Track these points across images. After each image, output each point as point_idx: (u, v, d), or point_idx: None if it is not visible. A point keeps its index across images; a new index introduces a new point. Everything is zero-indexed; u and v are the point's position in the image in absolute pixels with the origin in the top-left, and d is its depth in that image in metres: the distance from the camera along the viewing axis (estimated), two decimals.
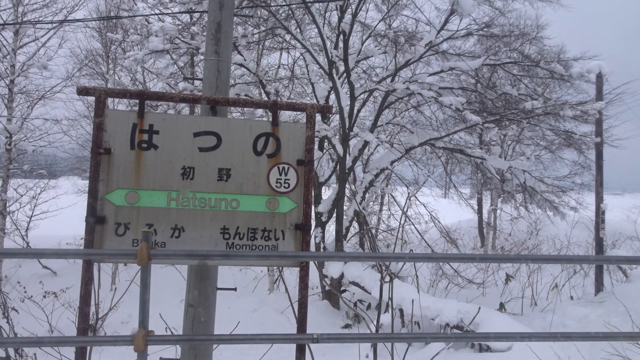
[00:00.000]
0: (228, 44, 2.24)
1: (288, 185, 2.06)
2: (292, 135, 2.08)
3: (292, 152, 2.08)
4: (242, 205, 2.05)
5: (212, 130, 2.06)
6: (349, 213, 10.18)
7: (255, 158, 2.07)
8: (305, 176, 2.07)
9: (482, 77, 10.35)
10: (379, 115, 10.03)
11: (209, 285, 2.15)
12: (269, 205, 2.06)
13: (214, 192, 2.05)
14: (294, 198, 2.06)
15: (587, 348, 6.52)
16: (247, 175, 2.07)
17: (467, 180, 13.50)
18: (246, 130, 2.08)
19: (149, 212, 2.00)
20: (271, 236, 2.03)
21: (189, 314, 2.11)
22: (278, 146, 2.07)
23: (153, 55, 9.35)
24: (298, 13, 9.22)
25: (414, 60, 9.37)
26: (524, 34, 8.99)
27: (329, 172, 10.08)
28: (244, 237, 2.02)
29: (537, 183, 10.32)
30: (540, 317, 9.42)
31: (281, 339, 1.68)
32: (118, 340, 1.53)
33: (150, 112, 2.00)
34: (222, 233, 2.03)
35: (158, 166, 2.03)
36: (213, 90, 2.24)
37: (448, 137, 9.88)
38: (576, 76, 8.79)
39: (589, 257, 2.75)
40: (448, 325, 7.91)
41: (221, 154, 2.07)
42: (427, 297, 8.46)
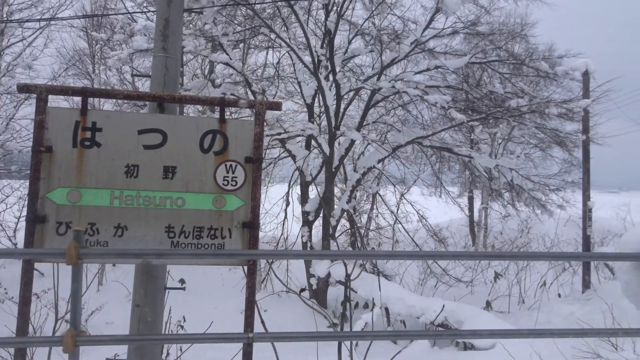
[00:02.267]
0: (177, 40, 2.22)
1: (235, 183, 2.04)
2: (240, 132, 2.06)
3: (240, 149, 2.06)
4: (188, 203, 2.03)
5: (158, 127, 2.04)
6: (336, 212, 10.16)
7: (201, 156, 2.05)
8: (253, 174, 2.05)
9: (471, 75, 10.37)
10: (366, 114, 10.02)
11: (155, 284, 2.13)
12: (215, 203, 2.04)
13: (159, 191, 2.02)
14: (241, 196, 2.04)
15: (568, 345, 6.53)
16: (193, 173, 2.04)
17: (455, 178, 13.50)
18: (192, 127, 2.06)
19: (91, 211, 1.98)
20: (217, 234, 2.01)
21: (134, 314, 2.09)
22: (225, 143, 2.05)
23: (137, 54, 9.30)
24: (285, 11, 9.20)
25: (399, 58, 9.36)
26: (509, 32, 8.98)
27: (316, 171, 10.06)
28: (190, 235, 2.00)
29: (524, 181, 10.34)
30: (527, 315, 9.42)
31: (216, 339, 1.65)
32: (48, 341, 1.50)
33: (93, 110, 1.97)
34: (166, 232, 2.00)
35: (101, 164, 2.00)
36: (161, 87, 2.22)
37: (434, 135, 9.88)
38: (561, 74, 8.79)
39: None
40: (432, 324, 7.91)
41: (166, 152, 2.05)
42: (412, 295, 8.47)
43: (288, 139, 8.89)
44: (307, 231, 9.97)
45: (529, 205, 10.74)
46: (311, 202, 9.96)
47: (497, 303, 10.25)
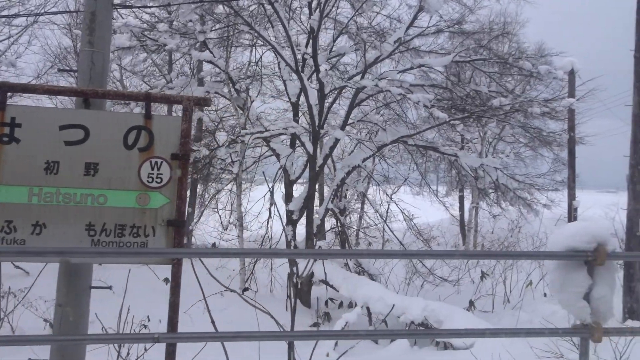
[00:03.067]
0: (104, 34, 2.18)
1: (161, 180, 2.00)
2: (167, 128, 2.02)
3: (166, 145, 2.02)
4: (110, 200, 1.99)
5: (80, 123, 2.00)
6: (320, 211, 10.13)
7: (125, 152, 2.02)
8: (180, 170, 2.01)
9: (462, 74, 10.33)
10: (350, 113, 9.98)
11: (79, 283, 2.09)
12: (139, 201, 2.00)
13: (80, 188, 1.99)
14: (166, 193, 2.00)
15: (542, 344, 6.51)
16: (116, 169, 2.01)
17: (442, 178, 13.49)
18: (116, 123, 2.02)
19: (9, 208, 1.94)
20: (140, 233, 1.97)
21: (57, 314, 2.05)
22: (151, 140, 2.02)
23: (120, 52, 9.24)
24: (269, 9, 9.15)
25: (383, 57, 9.32)
26: (492, 31, 8.95)
27: (300, 170, 10.02)
28: (111, 233, 1.97)
29: (509, 180, 10.31)
30: (510, 314, 9.40)
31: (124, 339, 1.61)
32: None
33: (12, 105, 1.94)
34: (87, 229, 1.97)
35: (19, 160, 1.96)
36: (87, 82, 2.18)
37: (422, 134, 9.84)
38: (544, 73, 8.76)
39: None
40: (413, 323, 7.89)
41: (88, 148, 2.01)
42: (393, 295, 8.44)
43: (270, 137, 8.85)
44: (291, 230, 9.93)
45: (515, 204, 10.72)
46: (295, 201, 9.92)
47: (481, 302, 10.23)
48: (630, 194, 6.19)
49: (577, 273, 1.77)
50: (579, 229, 1.78)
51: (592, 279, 1.77)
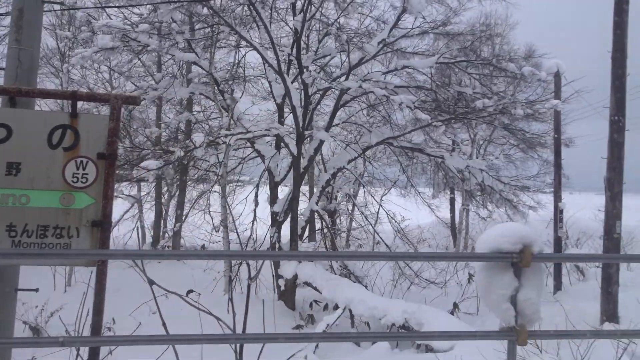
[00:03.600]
0: (33, 32, 2.14)
1: (86, 180, 1.97)
2: (93, 127, 1.99)
3: (92, 145, 1.99)
4: (33, 201, 1.95)
5: (3, 122, 1.97)
6: (305, 213, 10.09)
7: (49, 151, 1.98)
8: (106, 170, 1.97)
9: (448, 76, 10.30)
10: (335, 114, 9.96)
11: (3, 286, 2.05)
12: (62, 201, 1.96)
13: (1, 188, 1.95)
14: (92, 193, 1.97)
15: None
16: (40, 169, 1.97)
17: (430, 179, 13.46)
18: (41, 122, 1.99)
19: None
20: (64, 234, 1.94)
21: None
22: (77, 139, 1.99)
23: (103, 52, 9.19)
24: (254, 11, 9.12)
25: (367, 58, 9.30)
26: (476, 33, 8.94)
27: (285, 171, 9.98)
28: (33, 234, 1.93)
29: (495, 182, 10.29)
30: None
31: (27, 343, 1.57)
32: None
33: None
34: (7, 230, 1.93)
35: None
36: (13, 80, 2.14)
37: (411, 135, 9.81)
38: (528, 74, 8.75)
39: None
40: (394, 325, 7.84)
41: (11, 147, 1.97)
42: (375, 297, 8.40)
43: (254, 138, 8.82)
44: (275, 232, 9.89)
45: (501, 206, 10.70)
46: (280, 202, 9.88)
47: (467, 305, 10.20)
48: (608, 195, 6.17)
49: (503, 275, 1.73)
50: (505, 230, 1.75)
51: (519, 281, 1.73)
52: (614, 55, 6.18)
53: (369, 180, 17.54)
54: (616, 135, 6.09)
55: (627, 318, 6.46)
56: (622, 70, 6.13)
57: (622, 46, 6.13)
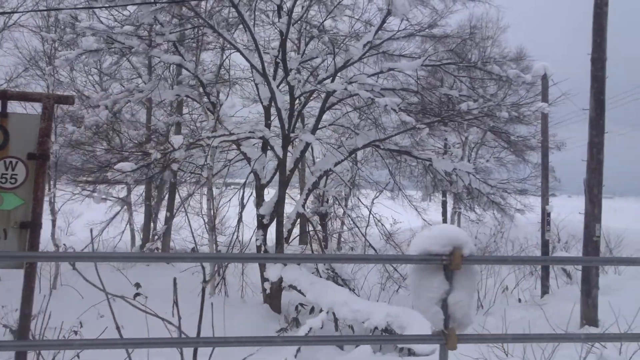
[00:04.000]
0: None
1: (15, 180, 1.93)
2: (24, 127, 1.96)
3: (22, 145, 1.95)
4: None
5: None
6: (291, 215, 10.05)
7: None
8: (36, 171, 1.94)
9: (441, 79, 10.28)
10: (321, 117, 9.94)
11: None
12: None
13: None
14: (21, 194, 1.94)
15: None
16: None
17: (418, 183, 13.42)
18: None
19: None
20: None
21: None
22: (6, 139, 1.95)
23: (88, 55, 9.16)
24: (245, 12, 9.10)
25: (353, 61, 9.29)
26: (461, 36, 8.93)
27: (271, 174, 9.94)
28: None
29: (482, 185, 10.26)
30: (479, 320, 9.33)
31: None
32: None
33: None
34: None
35: None
36: None
37: (399, 138, 9.79)
38: (513, 77, 8.74)
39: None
40: (377, 329, 7.81)
41: None
42: (359, 300, 8.35)
43: (238, 140, 8.78)
44: (261, 234, 9.84)
45: (488, 209, 10.67)
46: (266, 205, 9.84)
47: None
48: (587, 198, 6.14)
49: (433, 278, 1.69)
50: (435, 232, 1.71)
51: (451, 284, 1.69)
52: (594, 57, 6.16)
53: (361, 183, 17.52)
54: (595, 137, 6.07)
55: (609, 322, 6.42)
56: (601, 72, 6.11)
57: (601, 48, 6.12)
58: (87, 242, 12.54)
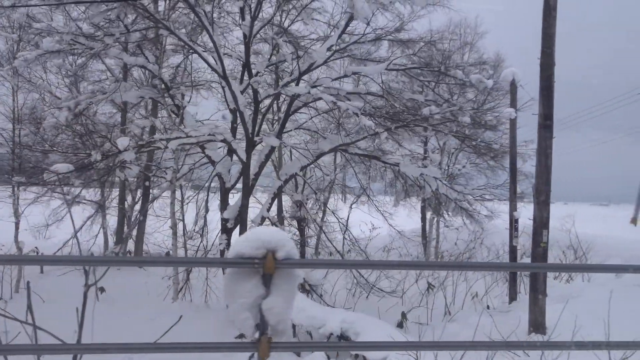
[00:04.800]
0: None
1: None
2: None
3: None
4: None
5: None
6: (256, 220, 9.95)
7: None
8: None
9: (421, 85, 10.24)
10: (286, 120, 9.87)
11: None
12: None
13: None
14: None
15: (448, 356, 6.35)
16: None
17: (388, 188, 13.36)
18: None
19: None
20: None
21: None
22: None
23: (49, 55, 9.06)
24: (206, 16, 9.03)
25: (317, 64, 9.23)
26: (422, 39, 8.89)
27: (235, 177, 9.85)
28: None
29: (449, 190, 10.20)
30: (443, 326, 9.23)
31: None
32: None
33: None
34: None
35: None
36: None
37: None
38: (475, 82, 8.70)
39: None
40: (332, 335, 7.72)
41: None
42: (315, 306, 8.26)
43: (198, 143, 8.70)
44: (225, 239, 9.73)
45: (457, 214, 10.60)
46: (230, 209, 9.74)
47: (417, 315, 10.08)
48: (535, 204, 6.07)
49: (247, 282, 1.61)
50: (249, 234, 1.62)
51: (268, 289, 1.61)
52: (542, 62, 6.12)
53: (339, 188, 17.45)
54: (543, 142, 6.01)
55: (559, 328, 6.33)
56: (549, 76, 6.07)
57: (550, 53, 6.08)
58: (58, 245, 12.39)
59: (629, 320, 6.74)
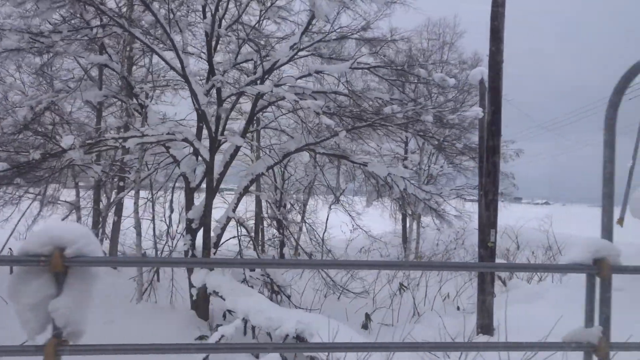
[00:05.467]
0: None
1: None
2: None
3: None
4: None
5: None
6: (221, 220, 9.85)
7: None
8: None
9: (405, 82, 10.13)
10: (252, 119, 9.78)
11: None
12: None
13: None
14: None
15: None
16: None
17: (359, 188, 13.27)
18: None
19: None
20: None
21: None
22: None
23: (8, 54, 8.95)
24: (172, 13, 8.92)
25: (281, 63, 9.14)
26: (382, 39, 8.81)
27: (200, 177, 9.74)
28: None
29: (417, 190, 10.11)
30: (408, 328, 9.15)
31: None
32: None
33: None
34: None
35: None
36: None
37: (318, 143, 9.62)
38: (439, 80, 8.62)
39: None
40: (288, 336, 7.62)
41: None
42: (274, 307, 8.15)
43: (158, 143, 8.60)
44: (189, 239, 9.63)
45: (426, 215, 10.51)
46: (195, 209, 9.63)
47: (384, 316, 10.01)
48: (482, 203, 5.98)
49: (34, 281, 1.51)
50: (40, 230, 1.53)
51: (60, 288, 1.51)
52: (491, 62, 6.04)
53: (320, 188, 17.34)
54: (490, 141, 5.93)
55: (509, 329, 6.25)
56: (497, 74, 5.99)
57: (498, 52, 6.00)
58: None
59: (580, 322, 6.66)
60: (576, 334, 1.97)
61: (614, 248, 1.89)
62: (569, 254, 1.98)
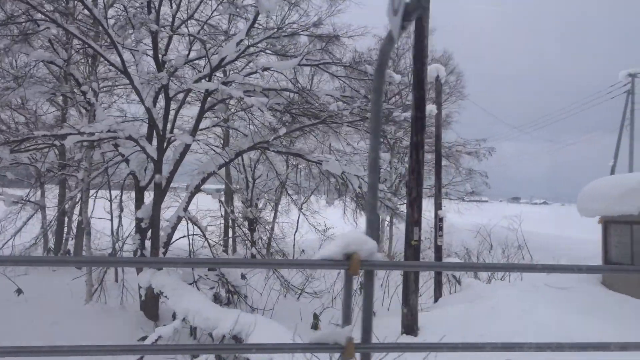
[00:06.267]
0: None
1: None
2: None
3: None
4: None
5: None
6: (171, 219, 9.72)
7: None
8: None
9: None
10: (201, 117, 9.64)
11: None
12: None
13: None
14: None
15: None
16: None
17: (319, 187, 13.13)
18: None
19: None
20: None
21: None
22: None
23: None
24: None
25: (228, 60, 9.01)
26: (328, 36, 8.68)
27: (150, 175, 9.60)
28: None
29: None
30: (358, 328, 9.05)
31: None
32: None
33: None
34: None
35: None
36: None
37: (266, 142, 9.48)
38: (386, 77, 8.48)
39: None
40: (225, 337, 7.50)
41: None
42: (213, 307, 8.02)
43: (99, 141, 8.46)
44: (138, 238, 9.50)
45: (383, 213, 10.39)
46: (144, 208, 9.50)
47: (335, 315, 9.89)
48: (408, 202, 5.86)
49: None
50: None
51: None
52: (416, 55, 5.92)
53: (294, 188, 17.21)
54: (415, 137, 5.80)
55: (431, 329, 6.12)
56: (422, 68, 5.87)
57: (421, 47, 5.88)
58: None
59: (516, 320, 6.55)
60: (325, 335, 1.86)
61: (367, 242, 1.78)
62: (323, 250, 1.87)
